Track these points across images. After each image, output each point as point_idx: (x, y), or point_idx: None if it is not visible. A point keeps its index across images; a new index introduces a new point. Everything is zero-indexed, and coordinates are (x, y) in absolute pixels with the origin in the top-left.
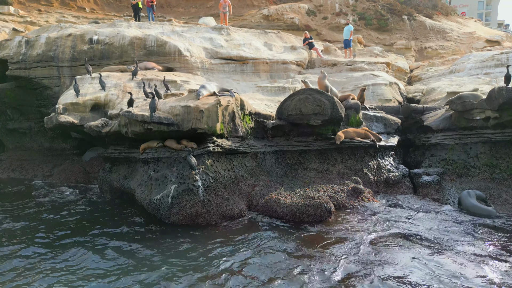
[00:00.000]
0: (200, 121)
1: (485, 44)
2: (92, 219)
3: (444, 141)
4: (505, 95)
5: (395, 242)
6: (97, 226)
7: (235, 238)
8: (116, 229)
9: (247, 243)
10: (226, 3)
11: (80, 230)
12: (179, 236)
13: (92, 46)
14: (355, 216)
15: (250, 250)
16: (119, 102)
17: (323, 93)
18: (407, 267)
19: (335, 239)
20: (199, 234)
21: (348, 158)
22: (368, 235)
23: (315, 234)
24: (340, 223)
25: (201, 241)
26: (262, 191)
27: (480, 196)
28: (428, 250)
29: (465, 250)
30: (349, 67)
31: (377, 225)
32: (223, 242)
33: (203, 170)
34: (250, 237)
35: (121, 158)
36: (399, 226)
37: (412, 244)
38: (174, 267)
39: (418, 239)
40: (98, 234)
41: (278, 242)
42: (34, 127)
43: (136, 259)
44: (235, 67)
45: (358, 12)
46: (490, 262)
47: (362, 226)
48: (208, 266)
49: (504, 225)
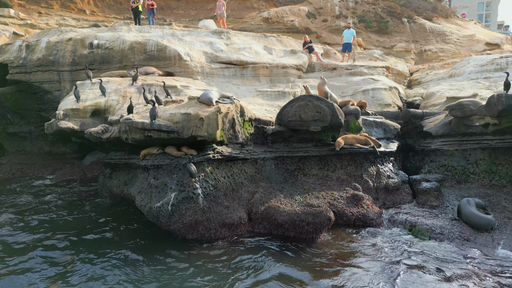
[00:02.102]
0: (200, 128)
1: (485, 47)
2: (90, 224)
3: (444, 147)
4: (504, 102)
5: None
6: (92, 231)
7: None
8: (113, 236)
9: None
10: (221, 3)
11: (78, 234)
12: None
13: (93, 51)
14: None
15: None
16: (120, 107)
17: (322, 99)
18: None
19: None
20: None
21: (347, 164)
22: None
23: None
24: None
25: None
26: (262, 198)
27: (480, 204)
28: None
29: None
30: (349, 71)
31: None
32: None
33: (203, 178)
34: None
35: (121, 164)
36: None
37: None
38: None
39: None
40: (91, 240)
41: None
42: (35, 131)
43: (133, 267)
44: (235, 72)
45: (358, 15)
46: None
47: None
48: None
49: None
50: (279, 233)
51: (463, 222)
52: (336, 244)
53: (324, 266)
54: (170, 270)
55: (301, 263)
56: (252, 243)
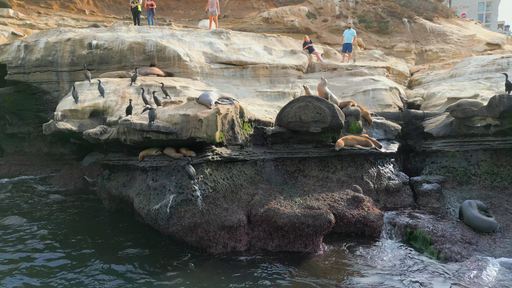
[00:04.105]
0: (199, 130)
1: (485, 47)
2: (87, 225)
3: (445, 148)
4: (506, 103)
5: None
6: (89, 234)
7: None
8: (109, 238)
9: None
10: (214, 1)
11: (75, 236)
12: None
13: (91, 51)
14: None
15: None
16: (118, 108)
17: (323, 100)
18: None
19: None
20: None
21: (348, 165)
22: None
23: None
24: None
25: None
26: (261, 200)
27: (481, 206)
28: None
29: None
30: (349, 71)
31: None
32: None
33: (202, 180)
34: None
35: (120, 166)
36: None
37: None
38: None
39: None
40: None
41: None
42: (33, 132)
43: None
44: (234, 72)
45: (358, 15)
46: None
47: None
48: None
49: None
50: (278, 236)
51: (464, 225)
52: (335, 249)
53: (324, 274)
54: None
55: (300, 270)
56: (251, 250)
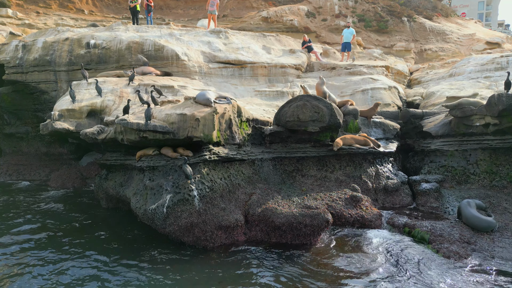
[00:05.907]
0: (196, 129)
1: (485, 46)
2: (85, 225)
3: (444, 147)
4: (505, 102)
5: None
6: (88, 233)
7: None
8: (107, 238)
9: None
10: (214, 2)
11: (73, 236)
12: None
13: (89, 51)
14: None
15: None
16: (116, 108)
17: (321, 99)
18: None
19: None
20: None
21: (346, 165)
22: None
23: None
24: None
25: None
26: (259, 199)
27: (480, 205)
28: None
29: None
30: (348, 70)
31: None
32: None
33: (199, 179)
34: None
35: (117, 165)
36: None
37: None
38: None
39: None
40: (86, 242)
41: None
42: (31, 132)
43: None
44: (233, 71)
45: (357, 14)
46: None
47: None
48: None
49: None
50: (276, 235)
51: (463, 224)
52: (333, 248)
53: (321, 271)
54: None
55: (297, 269)
56: (248, 249)
